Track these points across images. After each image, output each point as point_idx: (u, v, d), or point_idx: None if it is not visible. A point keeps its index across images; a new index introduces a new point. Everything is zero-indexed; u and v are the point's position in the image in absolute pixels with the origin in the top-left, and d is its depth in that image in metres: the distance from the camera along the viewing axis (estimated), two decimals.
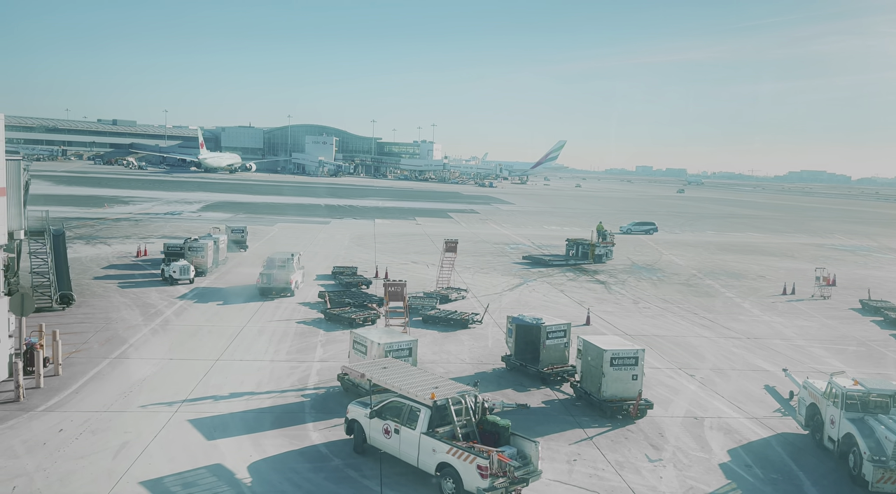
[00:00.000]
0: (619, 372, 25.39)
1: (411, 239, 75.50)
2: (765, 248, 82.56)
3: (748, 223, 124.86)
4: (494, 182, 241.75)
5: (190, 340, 32.45)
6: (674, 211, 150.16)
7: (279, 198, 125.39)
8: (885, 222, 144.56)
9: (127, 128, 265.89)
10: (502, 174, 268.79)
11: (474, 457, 17.95)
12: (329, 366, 29.33)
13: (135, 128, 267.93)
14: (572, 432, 23.81)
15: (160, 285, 44.33)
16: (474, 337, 35.64)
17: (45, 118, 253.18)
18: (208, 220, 79.73)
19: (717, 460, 22.13)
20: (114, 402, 24.20)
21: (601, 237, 65.29)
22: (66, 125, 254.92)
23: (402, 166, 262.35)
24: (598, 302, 45.75)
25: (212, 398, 25.20)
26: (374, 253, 62.88)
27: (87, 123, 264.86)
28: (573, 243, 65.59)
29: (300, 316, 38.30)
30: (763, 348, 36.19)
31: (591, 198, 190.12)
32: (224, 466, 19.91)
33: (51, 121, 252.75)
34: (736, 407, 27.13)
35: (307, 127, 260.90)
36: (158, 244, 56.27)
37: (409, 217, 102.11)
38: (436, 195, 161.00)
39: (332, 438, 22.24)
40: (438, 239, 66.99)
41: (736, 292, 52.10)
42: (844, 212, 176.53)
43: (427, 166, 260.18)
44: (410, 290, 41.07)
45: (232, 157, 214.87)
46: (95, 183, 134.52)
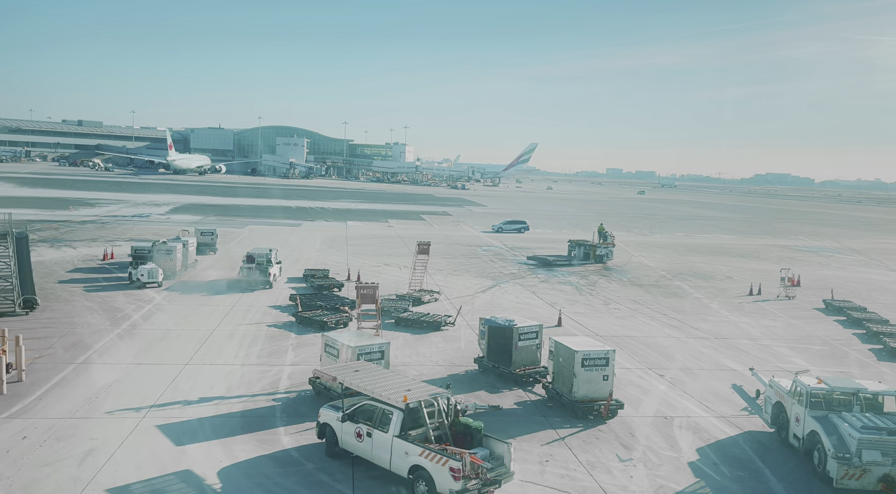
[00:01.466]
0: (590, 373, 25.60)
1: (384, 241, 75.31)
2: (732, 250, 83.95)
3: (716, 225, 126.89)
4: (467, 184, 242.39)
5: (158, 344, 31.96)
6: (644, 213, 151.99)
7: (249, 199, 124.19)
8: (847, 224, 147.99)
9: (93, 129, 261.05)
10: (475, 176, 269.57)
11: (447, 459, 17.96)
12: (300, 370, 29.10)
13: (101, 129, 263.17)
14: (544, 433, 23.95)
15: (128, 289, 43.61)
16: (447, 339, 35.66)
17: (8, 119, 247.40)
18: (177, 223, 78.59)
19: (686, 459, 22.43)
20: (79, 408, 23.74)
21: (602, 238, 67.46)
22: (30, 126, 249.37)
23: (375, 168, 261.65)
24: (569, 303, 46.10)
25: (181, 403, 24.84)
26: (347, 255, 62.60)
27: (52, 124, 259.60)
28: (575, 244, 67.45)
29: (271, 319, 37.96)
30: (730, 348, 36.79)
31: (562, 201, 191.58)
32: (193, 472, 19.63)
33: (13, 121, 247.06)
34: (704, 406, 27.54)
35: (278, 128, 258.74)
36: (126, 247, 55.33)
37: (382, 219, 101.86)
38: (408, 197, 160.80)
39: (304, 442, 22.07)
40: (411, 241, 66.93)
41: (704, 293, 52.90)
42: (808, 214, 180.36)
43: (399, 168, 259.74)
44: (383, 293, 41.00)
45: (201, 159, 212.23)
46: (60, 184, 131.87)
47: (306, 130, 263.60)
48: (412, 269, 47.20)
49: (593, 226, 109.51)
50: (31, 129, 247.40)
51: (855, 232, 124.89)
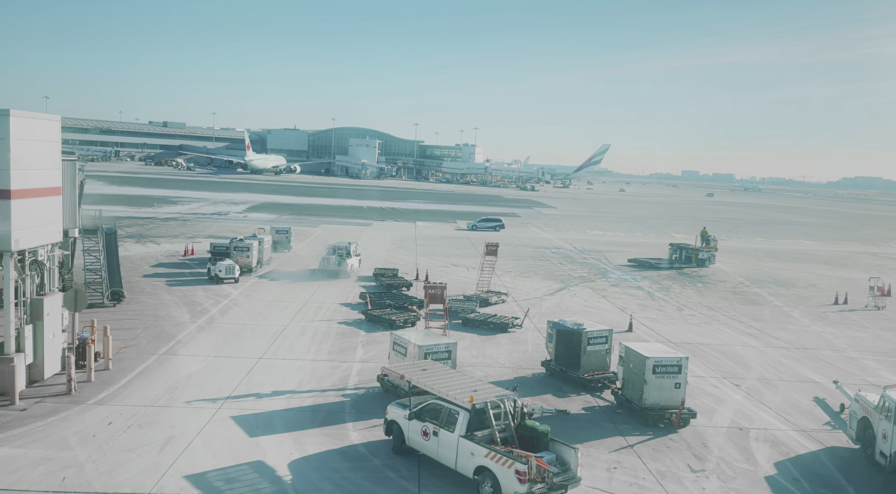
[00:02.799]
0: (661, 380, 24.96)
1: (452, 241, 75.60)
2: (816, 256, 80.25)
3: (799, 230, 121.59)
4: (536, 185, 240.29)
5: (234, 338, 33.07)
6: (721, 216, 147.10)
7: (322, 199, 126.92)
8: None
9: (177, 130, 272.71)
10: (544, 178, 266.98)
11: (513, 462, 17.85)
12: (369, 367, 29.53)
13: (184, 129, 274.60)
14: (612, 439, 23.49)
15: (206, 284, 45.28)
16: (514, 341, 35.48)
17: (100, 120, 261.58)
18: (253, 221, 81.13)
19: (762, 472, 21.56)
20: (160, 397, 24.80)
21: (704, 242, 67.92)
22: (120, 127, 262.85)
23: (444, 169, 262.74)
24: (641, 308, 45.09)
25: (255, 395, 25.62)
26: (415, 255, 63.15)
27: (139, 125, 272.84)
28: (676, 247, 67.88)
29: (342, 316, 38.69)
30: (813, 359, 35.16)
31: (635, 203, 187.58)
32: (265, 463, 20.21)
33: (105, 123, 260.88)
34: (783, 418, 26.41)
35: (351, 130, 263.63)
36: (205, 243, 57.46)
37: (451, 220, 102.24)
38: (477, 198, 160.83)
39: (371, 438, 22.39)
40: (479, 242, 66.91)
41: (785, 301, 50.75)
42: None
43: (469, 169, 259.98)
44: (450, 293, 41.14)
45: (277, 159, 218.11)
46: (146, 183, 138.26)
47: (378, 131, 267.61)
48: (480, 270, 47.17)
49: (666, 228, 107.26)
50: (121, 130, 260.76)
51: None
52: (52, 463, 19.22)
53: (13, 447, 20.15)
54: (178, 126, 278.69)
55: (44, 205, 25.39)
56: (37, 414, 22.65)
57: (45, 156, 25.39)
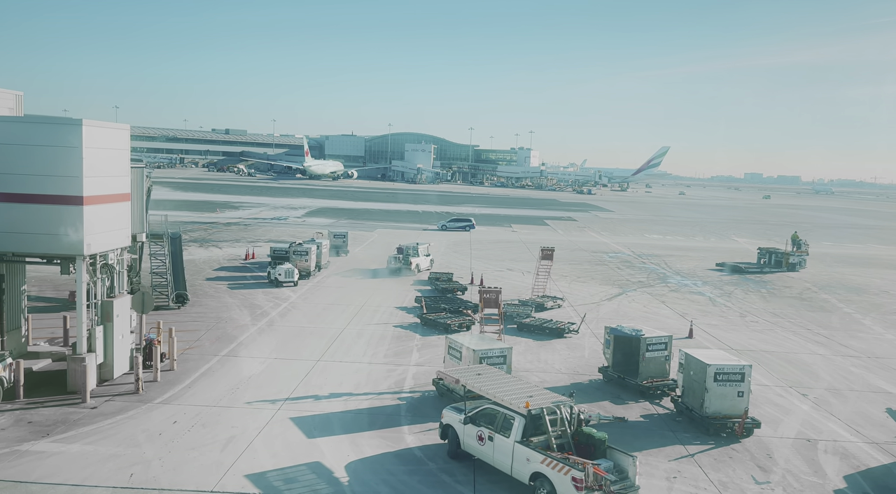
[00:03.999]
0: (723, 388, 24.27)
1: (507, 246, 75.31)
2: (888, 261, 76.68)
3: (870, 234, 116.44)
4: (593, 189, 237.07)
5: (293, 340, 33.72)
6: (787, 220, 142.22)
7: (378, 204, 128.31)
8: None
9: (238, 137, 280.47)
10: (601, 181, 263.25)
11: (569, 469, 17.63)
12: (424, 371, 29.67)
13: (245, 136, 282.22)
14: (672, 448, 22.95)
15: (266, 287, 46.31)
16: (570, 346, 35.08)
17: (165, 128, 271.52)
18: (312, 225, 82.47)
19: (831, 486, 20.69)
20: (223, 397, 25.48)
21: (795, 246, 68.21)
22: (184, 134, 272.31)
23: (499, 173, 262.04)
24: (701, 314, 43.95)
25: (312, 397, 26.05)
26: (470, 259, 63.15)
27: (203, 133, 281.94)
28: (765, 252, 67.25)
29: (397, 320, 38.99)
30: (885, 368, 33.58)
31: (695, 206, 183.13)
32: (323, 464, 20.52)
33: (170, 130, 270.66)
34: (854, 430, 25.30)
35: (406, 135, 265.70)
36: (265, 247, 58.83)
37: (505, 224, 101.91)
38: (532, 202, 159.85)
39: (427, 442, 22.47)
40: (535, 246, 66.48)
41: (855, 307, 48.65)
42: None
43: (524, 173, 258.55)
44: (505, 297, 40.91)
45: (335, 165, 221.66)
46: (209, 189, 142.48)
47: (433, 136, 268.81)
48: (535, 275, 46.83)
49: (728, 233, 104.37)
50: (185, 137, 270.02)
51: None
52: (120, 460, 19.96)
53: (84, 444, 21.02)
54: (239, 133, 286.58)
55: (114, 210, 26.43)
56: (106, 412, 23.58)
57: (115, 163, 26.44)
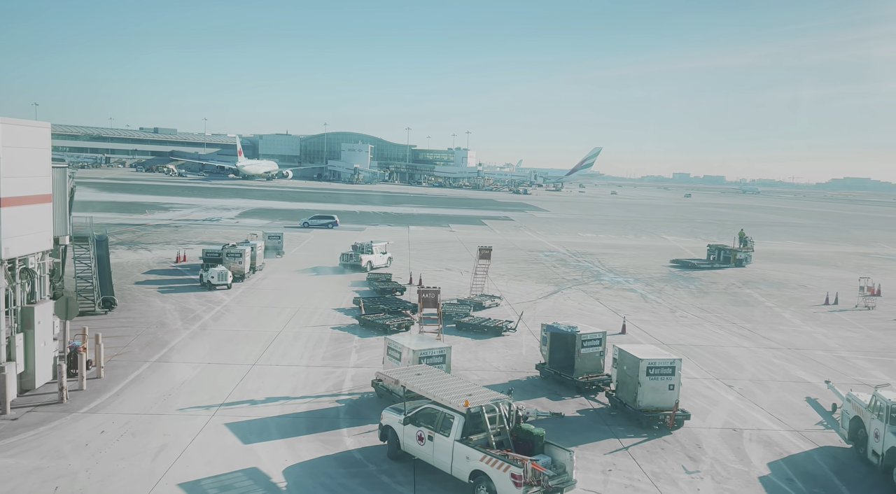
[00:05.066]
0: (655, 382, 25.04)
1: (445, 245, 75.62)
2: (806, 257, 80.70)
3: (789, 231, 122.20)
4: (529, 189, 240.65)
5: (228, 345, 32.96)
6: (713, 219, 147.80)
7: (314, 204, 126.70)
8: None
9: (167, 136, 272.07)
10: (537, 181, 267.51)
11: (508, 466, 17.87)
12: (363, 372, 29.50)
13: (175, 135, 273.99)
14: (607, 442, 23.54)
15: (199, 290, 45.14)
16: (508, 344, 35.51)
17: (90, 126, 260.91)
18: (246, 227, 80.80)
19: (756, 473, 21.65)
20: (153, 405, 24.69)
21: (742, 243, 71.55)
22: (110, 133, 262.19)
23: (437, 173, 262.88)
24: (634, 310, 45.21)
25: (248, 402, 25.54)
26: (409, 259, 63.09)
27: (130, 131, 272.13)
28: (714, 248, 70.93)
29: (335, 322, 38.63)
30: (804, 359, 35.34)
31: (627, 206, 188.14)
32: (260, 470, 20.15)
33: (95, 129, 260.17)
34: (776, 419, 26.53)
35: (343, 134, 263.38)
36: (197, 250, 57.28)
37: (444, 224, 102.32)
38: (470, 202, 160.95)
39: (367, 444, 22.36)
40: (472, 246, 66.98)
41: (776, 302, 51.00)
42: (890, 221, 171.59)
43: (461, 173, 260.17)
44: (444, 297, 41.11)
45: (269, 165, 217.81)
46: (137, 189, 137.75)
47: (370, 136, 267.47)
48: (474, 274, 47.21)
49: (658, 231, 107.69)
50: (111, 137, 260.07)
51: None
52: (45, 473, 19.09)
53: (6, 456, 20.02)
54: (169, 132, 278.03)
55: (34, 212, 25.28)
56: (29, 424, 22.50)
57: (34, 163, 25.29)
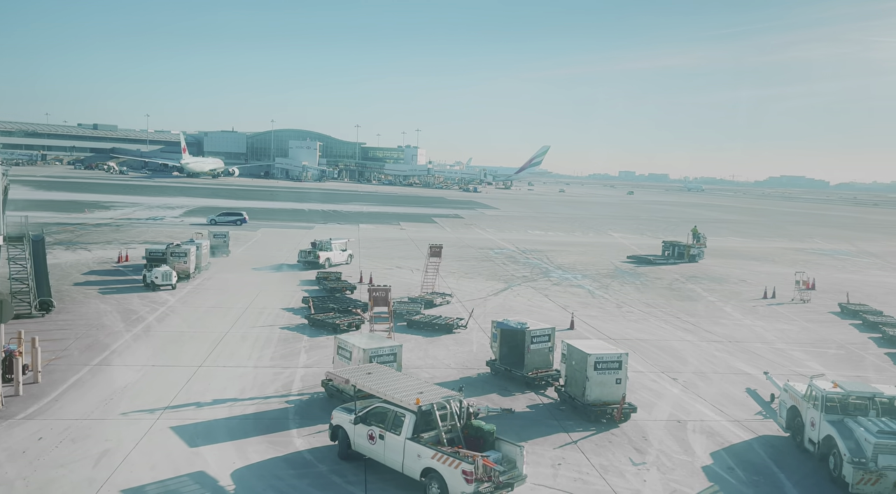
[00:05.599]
0: (602, 376, 25.51)
1: (396, 244, 75.43)
2: (746, 253, 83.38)
3: (730, 227, 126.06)
4: (479, 187, 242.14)
5: (172, 346, 32.18)
6: (658, 216, 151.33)
7: (262, 202, 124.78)
8: (862, 227, 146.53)
9: (108, 132, 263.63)
10: (487, 179, 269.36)
11: (459, 462, 17.95)
12: (313, 372, 29.20)
13: (116, 132, 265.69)
14: (557, 436, 23.88)
15: (142, 291, 43.93)
16: (459, 342, 35.66)
17: (24, 122, 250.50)
18: (191, 226, 79.15)
19: (699, 463, 22.29)
20: (94, 410, 23.93)
21: (695, 239, 74.31)
22: (46, 129, 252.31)
23: (387, 171, 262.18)
24: (581, 306, 45.96)
25: (194, 405, 24.99)
26: (359, 258, 62.70)
27: (67, 128, 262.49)
28: (669, 244, 73.96)
29: (284, 321, 38.12)
30: (744, 351, 36.53)
31: (574, 203, 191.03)
32: (207, 473, 19.74)
33: (30, 125, 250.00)
34: (718, 410, 27.36)
35: (291, 131, 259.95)
36: (140, 249, 55.78)
37: (394, 222, 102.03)
38: (420, 200, 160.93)
39: (317, 444, 22.15)
40: (423, 244, 67.00)
41: (718, 296, 52.56)
42: (823, 217, 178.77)
43: (411, 171, 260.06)
44: (395, 295, 41.02)
45: (215, 162, 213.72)
46: (76, 188, 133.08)
47: (319, 133, 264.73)
48: (424, 272, 47.24)
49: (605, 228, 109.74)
50: (47, 133, 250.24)
51: (871, 235, 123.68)
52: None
53: None
54: (109, 128, 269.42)
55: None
56: None
57: None
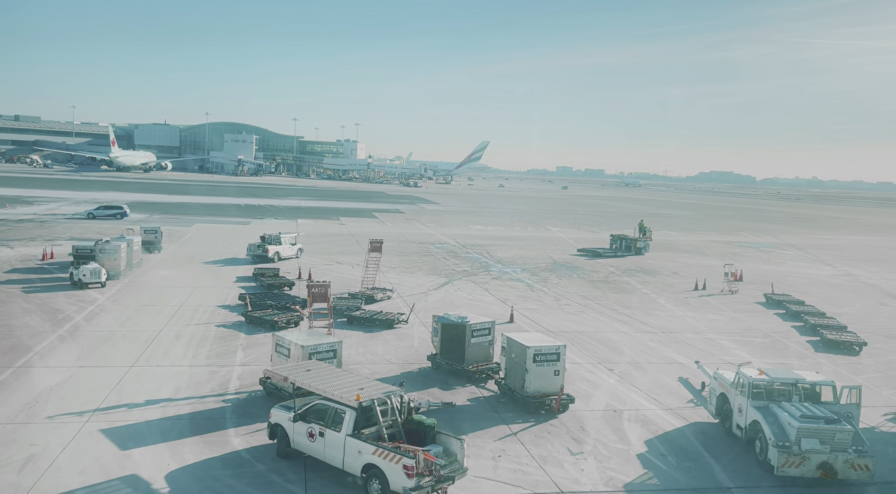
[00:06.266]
0: (541, 368, 25.92)
1: (335, 239, 74.68)
2: (678, 246, 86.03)
3: (663, 222, 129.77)
4: (419, 182, 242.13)
5: (102, 346, 31.04)
6: (594, 211, 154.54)
7: (196, 197, 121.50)
8: (786, 220, 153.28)
9: (30, 124, 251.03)
10: (427, 174, 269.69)
11: (400, 457, 17.95)
12: (251, 370, 28.66)
13: (39, 124, 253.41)
14: (497, 428, 24.16)
15: (69, 289, 42.20)
16: (400, 337, 35.61)
17: None
18: (121, 221, 76.42)
19: (634, 451, 22.93)
20: (18, 414, 22.89)
21: (642, 233, 76.47)
22: None
23: (326, 165, 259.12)
24: (521, 299, 46.55)
25: (126, 406, 24.20)
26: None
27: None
28: (617, 238, 76.48)
29: (220, 319, 37.27)
30: (677, 341, 37.73)
31: (513, 198, 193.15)
32: (140, 476, 19.15)
33: None
34: (652, 398, 28.19)
35: (226, 125, 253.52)
36: (67, 246, 53.58)
37: (333, 217, 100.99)
38: (360, 195, 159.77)
39: (255, 443, 21.77)
40: (363, 239, 66.57)
41: (651, 288, 54.08)
42: (750, 211, 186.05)
43: (351, 165, 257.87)
44: (335, 291, 40.67)
45: (146, 156, 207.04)
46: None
47: (255, 127, 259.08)
48: (365, 267, 46.95)
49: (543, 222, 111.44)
50: None
51: (793, 228, 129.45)
52: None
53: None
54: (32, 120, 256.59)
55: None
56: None
57: None
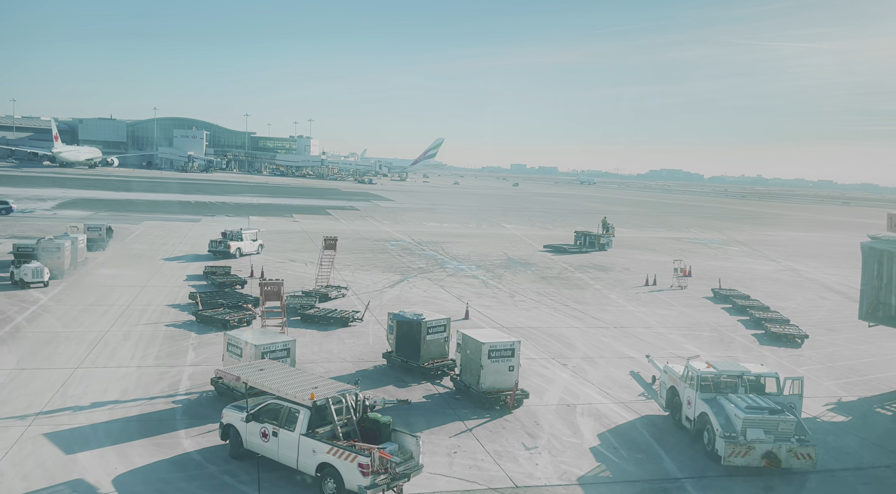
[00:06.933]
0: (496, 364, 26.12)
1: (289, 236, 73.76)
2: (629, 242, 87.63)
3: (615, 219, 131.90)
4: (374, 179, 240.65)
5: (45, 348, 30.03)
6: (548, 208, 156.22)
7: (144, 194, 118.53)
8: (732, 217, 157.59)
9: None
10: (382, 171, 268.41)
11: (355, 456, 17.87)
12: (202, 370, 28.13)
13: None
14: (452, 425, 24.24)
15: (9, 289, 40.71)
16: (355, 335, 35.41)
17: None
18: (65, 219, 73.99)
19: (587, 444, 23.31)
20: None
21: (605, 229, 79.48)
22: None
23: (278, 162, 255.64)
24: (476, 296, 46.78)
25: (71, 409, 23.48)
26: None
27: None
28: (581, 234, 78.13)
29: (170, 318, 36.45)
30: (629, 336, 38.46)
31: (468, 195, 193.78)
32: (86, 481, 18.62)
33: None
34: (605, 392, 28.68)
35: (175, 120, 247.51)
36: (7, 245, 51.63)
37: (286, 214, 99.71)
38: (314, 191, 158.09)
39: (207, 444, 21.38)
40: (317, 236, 65.93)
41: (604, 284, 54.99)
42: (698, 208, 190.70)
43: (304, 162, 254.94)
44: (288, 289, 40.18)
45: (91, 151, 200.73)
46: None
47: (206, 122, 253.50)
48: (318, 265, 46.52)
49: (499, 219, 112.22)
50: None
51: (739, 224, 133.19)
52: None
53: None
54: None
55: None
56: None
57: None
